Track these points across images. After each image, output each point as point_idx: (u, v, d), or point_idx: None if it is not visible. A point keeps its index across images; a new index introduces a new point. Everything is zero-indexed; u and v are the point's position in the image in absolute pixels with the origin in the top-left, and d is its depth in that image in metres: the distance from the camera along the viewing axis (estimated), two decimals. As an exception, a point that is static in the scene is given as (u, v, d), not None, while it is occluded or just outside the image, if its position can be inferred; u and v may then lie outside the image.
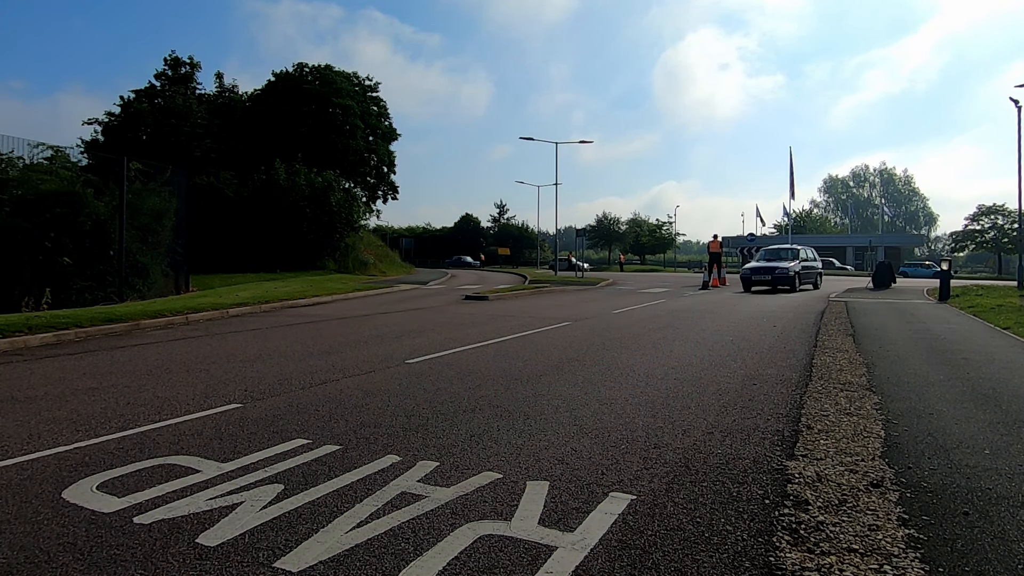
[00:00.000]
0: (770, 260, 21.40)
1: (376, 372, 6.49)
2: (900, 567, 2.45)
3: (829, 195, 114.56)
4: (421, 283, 24.68)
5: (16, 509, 3.03)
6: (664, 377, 6.20)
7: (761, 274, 20.43)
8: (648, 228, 76.60)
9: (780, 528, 2.80)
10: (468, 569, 2.44)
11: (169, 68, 42.16)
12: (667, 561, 2.51)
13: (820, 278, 23.45)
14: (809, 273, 21.86)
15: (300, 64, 42.26)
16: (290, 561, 2.50)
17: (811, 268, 22.19)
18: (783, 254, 21.81)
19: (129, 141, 34.58)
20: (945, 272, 17.91)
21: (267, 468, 3.56)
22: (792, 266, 20.34)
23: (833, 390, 5.53)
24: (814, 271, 22.59)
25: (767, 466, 3.62)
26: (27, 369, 6.74)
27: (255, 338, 9.17)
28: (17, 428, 4.40)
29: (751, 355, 7.51)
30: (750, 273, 20.93)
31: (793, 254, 21.52)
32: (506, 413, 4.78)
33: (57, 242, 12.16)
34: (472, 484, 3.31)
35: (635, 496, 3.15)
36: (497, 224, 79.71)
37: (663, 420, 4.61)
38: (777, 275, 20.03)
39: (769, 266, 20.59)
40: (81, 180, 13.29)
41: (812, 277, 22.27)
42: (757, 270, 20.78)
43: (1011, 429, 4.34)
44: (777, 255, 21.83)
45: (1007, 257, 53.13)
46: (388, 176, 45.47)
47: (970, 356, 7.49)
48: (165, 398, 5.31)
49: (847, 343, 8.42)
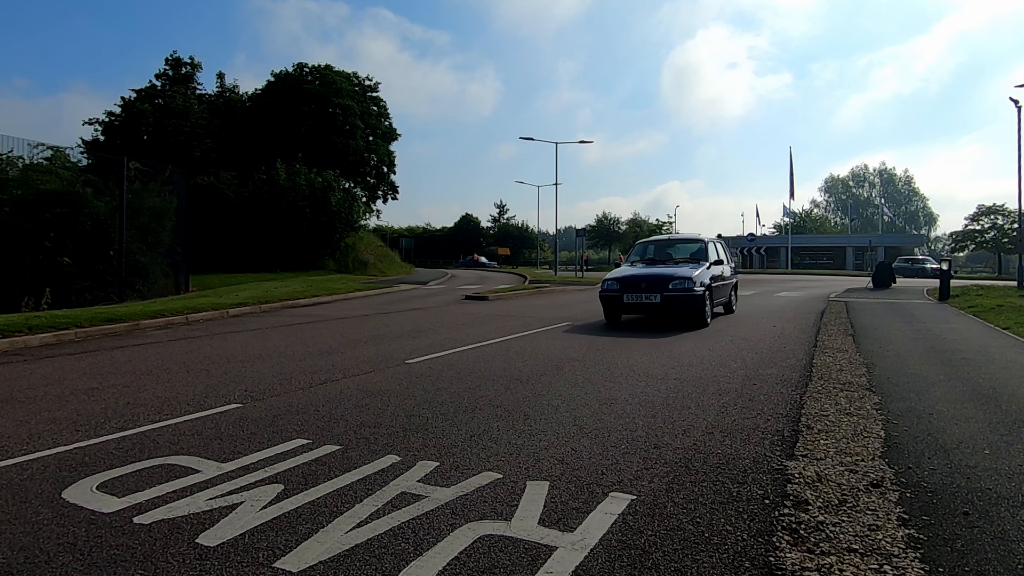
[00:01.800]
0: (655, 264, 11.90)
1: (376, 372, 6.49)
2: (900, 567, 2.45)
3: (829, 195, 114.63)
4: (421, 283, 24.69)
5: (16, 509, 3.03)
6: (664, 377, 6.20)
7: (641, 290, 10.45)
8: (648, 228, 76.55)
9: (780, 528, 2.80)
10: (468, 569, 2.44)
11: (170, 68, 42.22)
12: (667, 561, 2.51)
13: (735, 294, 13.37)
14: (721, 288, 11.85)
15: (300, 64, 42.30)
16: (290, 561, 2.50)
17: (723, 280, 12.06)
18: (680, 250, 12.41)
19: (130, 141, 34.62)
20: (945, 272, 17.92)
21: (267, 468, 3.56)
22: (698, 274, 10.58)
23: (833, 390, 5.53)
24: (727, 284, 12.48)
25: (767, 466, 3.61)
26: (27, 369, 6.74)
27: (255, 338, 9.17)
28: (17, 428, 4.40)
29: (751, 355, 7.51)
30: (619, 288, 10.69)
31: (699, 251, 11.90)
32: (506, 413, 4.78)
33: (57, 242, 12.16)
34: (472, 484, 3.31)
35: (635, 496, 3.15)
36: (497, 224, 79.77)
37: (663, 420, 4.60)
38: (672, 293, 10.26)
39: (657, 275, 10.70)
40: (81, 180, 13.30)
41: (725, 294, 12.28)
42: (633, 282, 10.67)
43: (1011, 429, 4.34)
44: (669, 254, 12.40)
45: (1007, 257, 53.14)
46: (388, 176, 45.48)
47: (970, 356, 7.49)
48: (165, 398, 5.31)
49: (847, 343, 8.42)
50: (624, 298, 10.47)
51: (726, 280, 12.29)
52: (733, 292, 13.02)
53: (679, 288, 10.22)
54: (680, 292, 10.19)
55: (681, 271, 10.60)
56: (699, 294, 10.25)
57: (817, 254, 68.57)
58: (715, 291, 11.22)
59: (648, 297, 10.26)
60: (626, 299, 10.46)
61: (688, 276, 10.31)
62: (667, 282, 10.32)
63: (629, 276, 10.81)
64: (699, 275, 10.50)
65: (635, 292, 10.41)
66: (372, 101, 44.16)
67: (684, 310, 10.33)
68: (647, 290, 10.32)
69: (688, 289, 10.19)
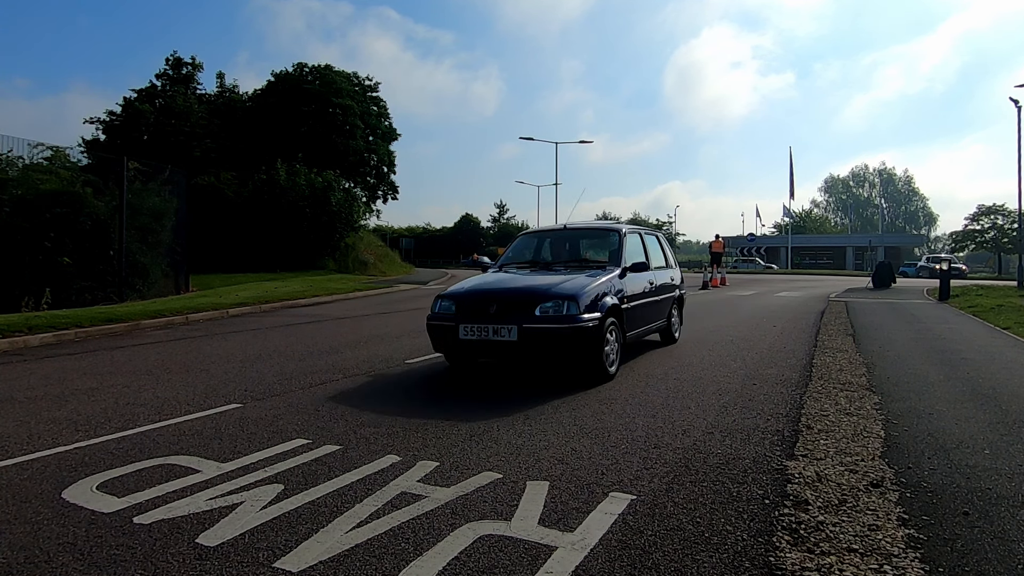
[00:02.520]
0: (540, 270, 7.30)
1: (376, 372, 6.49)
2: (900, 567, 2.45)
3: (829, 195, 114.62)
4: (421, 283, 24.68)
5: (16, 509, 3.03)
6: (664, 377, 6.20)
7: (488, 318, 5.89)
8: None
9: (780, 528, 2.80)
10: (468, 569, 2.44)
11: (171, 68, 42.19)
12: (667, 561, 2.51)
13: (679, 313, 8.93)
14: (649, 307, 7.45)
15: (300, 64, 42.26)
16: (290, 561, 2.50)
17: (653, 295, 7.60)
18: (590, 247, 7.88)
19: (130, 141, 34.61)
20: (945, 272, 17.94)
21: (267, 468, 3.56)
22: (592, 288, 6.10)
23: (833, 390, 5.53)
24: (662, 301, 7.99)
25: (767, 466, 3.62)
26: (27, 369, 6.74)
27: (255, 338, 9.17)
28: (17, 428, 4.40)
29: (751, 355, 7.51)
30: (455, 314, 6.11)
31: (610, 245, 7.43)
32: (506, 413, 4.78)
33: (57, 242, 12.16)
34: (472, 484, 3.31)
35: (635, 496, 3.15)
36: (497, 224, 79.71)
37: (663, 420, 4.61)
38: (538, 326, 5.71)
39: (516, 291, 6.19)
40: (81, 180, 13.28)
41: (657, 315, 7.87)
42: (476, 302, 6.10)
43: (1011, 429, 4.34)
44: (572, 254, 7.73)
45: (1007, 257, 53.15)
46: (388, 176, 45.47)
47: (970, 356, 7.49)
48: (165, 398, 5.31)
49: (847, 343, 8.42)
50: (460, 331, 5.88)
51: (659, 295, 7.71)
52: (674, 310, 8.49)
53: (552, 316, 5.69)
54: (553, 324, 5.66)
55: (562, 286, 6.00)
56: (587, 327, 5.71)
57: (817, 254, 68.65)
58: (634, 315, 6.80)
59: (499, 332, 5.71)
60: (463, 333, 5.86)
61: (571, 294, 5.81)
62: (531, 303, 5.78)
63: (473, 292, 6.18)
64: (593, 290, 6.01)
65: (478, 321, 5.84)
66: (372, 101, 44.15)
67: (560, 354, 5.78)
68: (498, 318, 5.78)
69: (568, 318, 5.68)
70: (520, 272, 7.14)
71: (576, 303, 5.76)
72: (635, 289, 6.97)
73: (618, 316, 6.33)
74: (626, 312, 6.56)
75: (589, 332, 5.75)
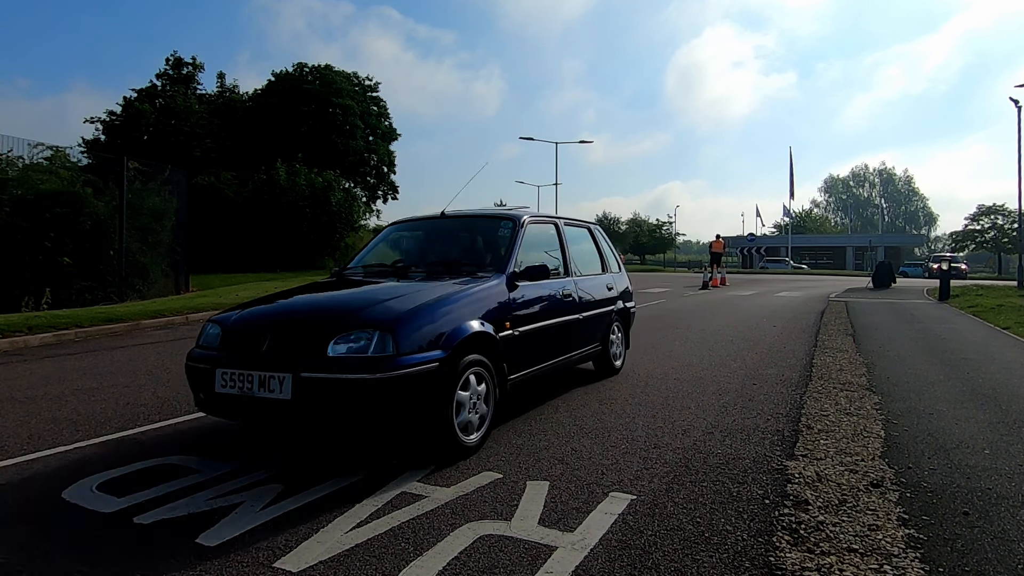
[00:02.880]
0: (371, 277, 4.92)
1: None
2: (900, 567, 2.45)
3: (829, 195, 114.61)
4: (421, 283, 24.63)
5: (16, 509, 3.03)
6: (664, 377, 6.20)
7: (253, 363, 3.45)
8: (648, 228, 76.51)
9: (780, 528, 2.80)
10: (468, 569, 2.44)
11: (171, 68, 42.19)
12: (667, 561, 2.51)
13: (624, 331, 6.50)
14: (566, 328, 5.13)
15: (300, 64, 42.26)
16: (290, 561, 2.50)
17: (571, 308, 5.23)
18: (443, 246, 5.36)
19: (130, 141, 34.62)
20: (945, 272, 17.95)
21: (267, 468, 3.56)
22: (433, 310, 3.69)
23: (833, 390, 5.53)
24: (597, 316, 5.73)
25: (767, 466, 3.61)
26: (27, 369, 6.74)
27: (255, 338, 9.16)
28: (17, 428, 4.40)
29: (751, 355, 7.51)
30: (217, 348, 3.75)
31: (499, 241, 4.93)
32: (506, 413, 4.78)
33: (57, 242, 12.15)
34: (472, 484, 3.31)
35: (635, 496, 3.15)
36: (497, 224, 79.51)
37: (663, 420, 4.61)
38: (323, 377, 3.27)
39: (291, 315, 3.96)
40: (81, 180, 13.27)
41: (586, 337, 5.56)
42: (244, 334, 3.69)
43: (1011, 429, 4.34)
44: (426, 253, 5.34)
45: (1007, 257, 53.15)
46: (388, 176, 45.46)
47: (970, 356, 7.49)
48: (165, 398, 5.31)
49: (847, 343, 8.42)
50: (218, 380, 3.56)
51: (584, 312, 5.49)
52: (615, 330, 6.29)
53: (352, 359, 3.37)
54: (349, 373, 3.31)
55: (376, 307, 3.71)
56: (410, 375, 3.38)
57: (817, 254, 68.65)
58: (530, 344, 4.61)
59: (266, 384, 3.38)
60: (220, 383, 3.54)
61: (385, 320, 3.52)
62: (322, 336, 3.47)
63: (245, 316, 3.94)
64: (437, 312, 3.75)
65: (241, 365, 3.52)
66: (372, 101, 44.15)
67: (363, 421, 3.37)
68: (269, 361, 3.46)
69: (375, 362, 3.33)
70: (357, 281, 4.84)
71: (392, 335, 3.40)
72: (533, 306, 4.70)
73: (490, 350, 4.04)
74: (511, 342, 4.30)
75: (414, 383, 3.38)
